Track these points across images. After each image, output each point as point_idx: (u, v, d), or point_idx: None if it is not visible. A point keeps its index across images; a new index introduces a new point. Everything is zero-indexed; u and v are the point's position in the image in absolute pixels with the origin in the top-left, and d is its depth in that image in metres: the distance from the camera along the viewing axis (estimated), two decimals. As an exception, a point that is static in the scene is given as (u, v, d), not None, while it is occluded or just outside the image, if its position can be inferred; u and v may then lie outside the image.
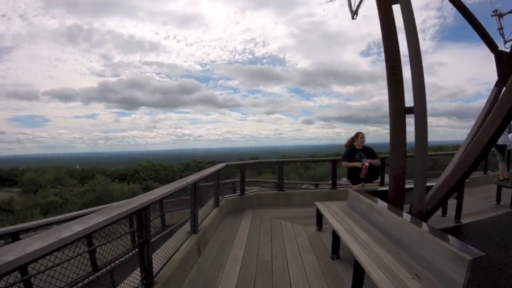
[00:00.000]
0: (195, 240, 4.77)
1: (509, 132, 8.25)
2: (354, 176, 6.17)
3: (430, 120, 4.53)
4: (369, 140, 6.22)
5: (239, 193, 8.27)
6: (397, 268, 2.91)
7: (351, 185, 6.28)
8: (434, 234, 2.79)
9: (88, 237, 3.06)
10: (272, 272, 4.21)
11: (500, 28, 8.86)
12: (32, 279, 2.37)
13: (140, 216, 3.02)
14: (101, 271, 4.64)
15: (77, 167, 49.37)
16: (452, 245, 2.47)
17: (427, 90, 4.42)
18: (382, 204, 4.19)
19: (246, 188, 8.45)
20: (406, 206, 4.78)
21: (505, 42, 8.68)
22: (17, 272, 1.82)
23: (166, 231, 5.70)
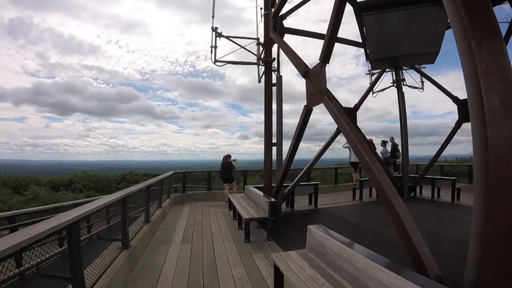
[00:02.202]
0: (161, 211, 8.67)
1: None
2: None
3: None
4: (300, 155, 9.56)
5: (182, 192, 12.40)
6: (252, 211, 7.22)
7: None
8: (264, 197, 7.12)
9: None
10: (202, 224, 8.35)
11: (371, 82, 13.96)
12: None
13: (125, 200, 4.45)
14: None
15: (1, 174, 47.75)
16: (266, 198, 6.81)
17: (358, 111, 8.99)
18: (260, 193, 8.37)
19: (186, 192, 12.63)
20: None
21: (373, 93, 13.78)
22: None
23: (145, 207, 7.36)
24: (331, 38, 5.85)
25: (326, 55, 5.95)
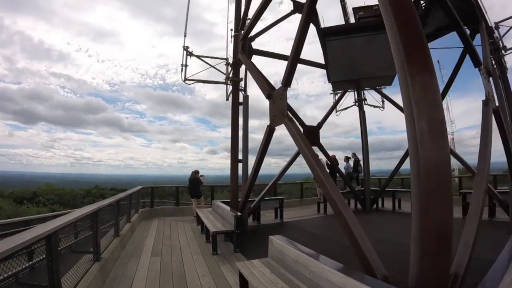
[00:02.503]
0: (129, 226, 8.80)
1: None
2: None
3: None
4: (269, 171, 10.85)
5: (150, 207, 12.53)
6: (219, 225, 7.55)
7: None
8: (231, 211, 7.50)
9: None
10: (171, 239, 8.56)
11: (334, 100, 14.65)
12: None
13: (97, 214, 4.89)
14: None
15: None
16: (232, 212, 7.24)
17: (326, 127, 9.45)
18: (226, 207, 8.69)
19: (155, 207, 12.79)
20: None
21: (336, 111, 14.49)
22: None
23: (113, 221, 7.50)
24: (293, 62, 6.41)
25: (288, 79, 6.48)
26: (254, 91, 9.27)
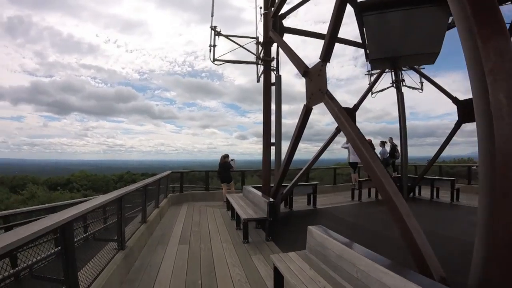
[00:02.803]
0: (158, 211, 8.57)
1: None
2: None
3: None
4: (299, 156, 9.43)
5: (179, 192, 12.31)
6: (250, 211, 7.14)
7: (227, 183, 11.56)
8: (263, 197, 7.02)
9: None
10: (200, 225, 8.23)
11: (370, 82, 13.94)
12: None
13: (121, 201, 4.32)
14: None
15: (-2, 174, 47.57)
16: (265, 198, 6.72)
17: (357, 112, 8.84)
18: (258, 193, 8.29)
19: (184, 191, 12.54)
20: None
21: (372, 93, 13.72)
22: None
23: (143, 206, 7.21)
24: (331, 37, 5.79)
25: (326, 54, 5.89)
26: (283, 76, 8.56)
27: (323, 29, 6.18)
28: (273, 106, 9.12)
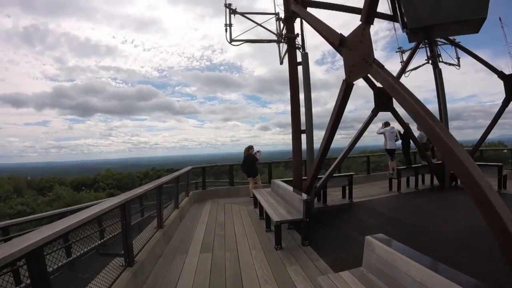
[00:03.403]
0: (178, 212, 7.67)
1: (396, 140, 11.93)
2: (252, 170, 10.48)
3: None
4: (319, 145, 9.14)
5: (202, 188, 11.41)
6: (284, 212, 6.12)
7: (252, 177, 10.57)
8: (297, 194, 5.99)
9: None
10: (224, 226, 7.28)
11: (402, 61, 12.62)
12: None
13: (124, 208, 3.86)
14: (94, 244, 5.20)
15: (28, 178, 48.60)
16: (299, 195, 5.70)
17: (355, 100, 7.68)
18: (289, 188, 7.28)
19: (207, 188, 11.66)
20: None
21: (404, 73, 12.35)
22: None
23: (165, 205, 7.02)
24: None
25: (368, 15, 4.78)
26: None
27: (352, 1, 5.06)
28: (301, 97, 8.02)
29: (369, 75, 4.68)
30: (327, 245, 5.52)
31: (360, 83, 12.41)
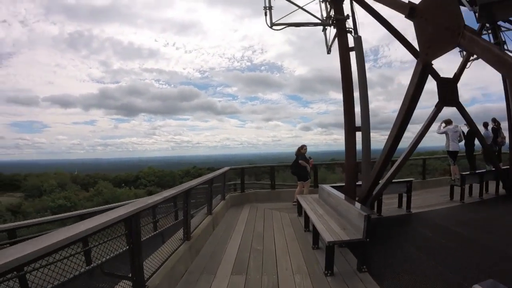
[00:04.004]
0: (211, 219, 6.75)
1: (459, 141, 10.22)
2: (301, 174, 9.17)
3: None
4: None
5: (240, 191, 10.44)
6: (336, 227, 4.94)
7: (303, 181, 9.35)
8: (354, 206, 4.81)
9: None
10: (263, 238, 6.22)
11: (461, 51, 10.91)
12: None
13: (131, 223, 3.06)
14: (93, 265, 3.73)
15: (75, 173, 50.52)
16: (359, 209, 4.51)
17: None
18: (339, 195, 6.13)
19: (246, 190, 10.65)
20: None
21: None
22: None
23: (194, 211, 6.80)
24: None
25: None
26: (334, 59, 6.29)
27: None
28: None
29: (460, 46, 3.43)
30: (389, 272, 4.34)
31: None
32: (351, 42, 6.98)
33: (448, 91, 7.77)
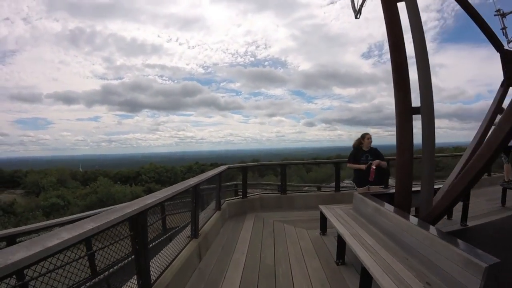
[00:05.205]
0: (196, 245, 4.59)
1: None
2: (359, 178, 6.00)
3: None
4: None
5: (241, 196, 8.10)
6: (407, 275, 2.77)
7: (356, 188, 6.14)
8: (445, 239, 2.67)
9: (86, 240, 2.56)
10: (275, 278, 4.06)
11: (504, 28, 8.70)
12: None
13: (137, 222, 2.73)
14: (98, 276, 4.14)
15: (80, 169, 49.76)
16: (465, 251, 2.35)
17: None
18: (388, 208, 4.09)
19: (248, 191, 8.31)
20: (413, 210, 4.72)
21: (509, 42, 8.50)
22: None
23: (165, 236, 5.37)
24: None
25: None
26: (347, 57, 4.54)
27: None
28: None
29: None
30: None
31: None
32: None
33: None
